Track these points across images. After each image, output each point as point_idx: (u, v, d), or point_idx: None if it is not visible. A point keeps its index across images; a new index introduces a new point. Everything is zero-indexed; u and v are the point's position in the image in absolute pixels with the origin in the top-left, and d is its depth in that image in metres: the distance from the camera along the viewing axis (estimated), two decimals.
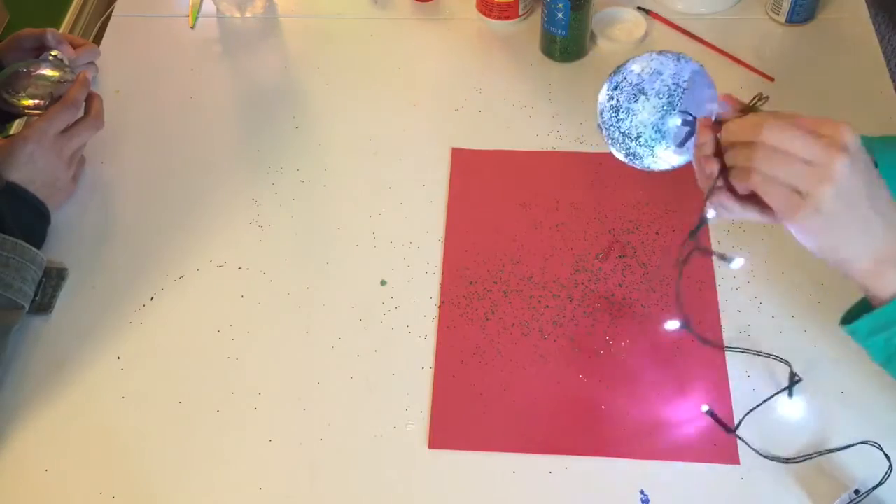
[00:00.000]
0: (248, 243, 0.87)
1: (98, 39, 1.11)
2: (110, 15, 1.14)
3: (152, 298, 0.84)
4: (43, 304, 0.81)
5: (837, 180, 0.54)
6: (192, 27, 1.09)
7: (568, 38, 0.99)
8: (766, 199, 0.57)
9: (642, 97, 0.66)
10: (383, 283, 0.83)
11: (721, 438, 0.72)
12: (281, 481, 0.72)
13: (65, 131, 0.87)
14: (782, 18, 1.04)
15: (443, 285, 0.83)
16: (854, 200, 0.55)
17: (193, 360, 0.79)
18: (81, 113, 0.89)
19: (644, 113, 0.65)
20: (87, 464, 0.73)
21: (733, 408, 0.73)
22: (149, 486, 0.72)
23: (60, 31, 0.97)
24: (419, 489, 0.71)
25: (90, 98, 0.91)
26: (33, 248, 0.79)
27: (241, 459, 0.73)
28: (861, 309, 0.60)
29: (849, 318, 0.60)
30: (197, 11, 1.11)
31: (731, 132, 0.60)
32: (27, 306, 0.79)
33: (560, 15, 0.96)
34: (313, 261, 0.86)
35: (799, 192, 0.55)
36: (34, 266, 0.79)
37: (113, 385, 0.78)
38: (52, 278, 0.83)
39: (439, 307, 0.81)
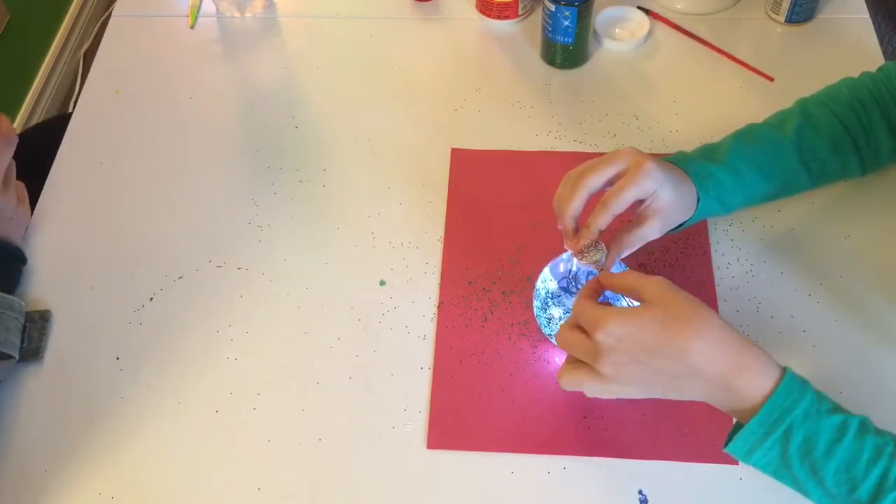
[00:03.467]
0: (248, 243, 0.87)
1: (98, 39, 1.11)
2: (110, 15, 1.14)
3: (152, 299, 0.84)
4: (31, 349, 0.79)
5: (614, 377, 0.59)
6: (192, 27, 1.09)
7: (573, 46, 0.98)
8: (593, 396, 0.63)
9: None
10: (382, 283, 0.84)
11: (720, 438, 0.71)
12: (280, 481, 0.72)
13: None
14: (782, 18, 1.04)
15: (442, 285, 0.83)
16: (643, 381, 0.59)
17: (192, 361, 0.79)
18: None
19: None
20: (87, 464, 0.74)
21: None
22: (149, 486, 0.72)
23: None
24: (418, 489, 0.71)
25: None
26: (8, 295, 0.78)
27: (240, 460, 0.73)
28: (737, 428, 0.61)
29: (728, 440, 0.61)
30: (197, 11, 1.11)
31: (558, 340, 0.65)
32: (16, 356, 0.77)
33: (567, 23, 0.95)
34: (312, 261, 0.86)
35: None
36: (13, 313, 0.77)
37: (113, 385, 0.78)
38: (36, 322, 0.81)
39: (438, 307, 0.81)
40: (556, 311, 0.73)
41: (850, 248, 0.83)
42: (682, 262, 0.83)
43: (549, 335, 0.75)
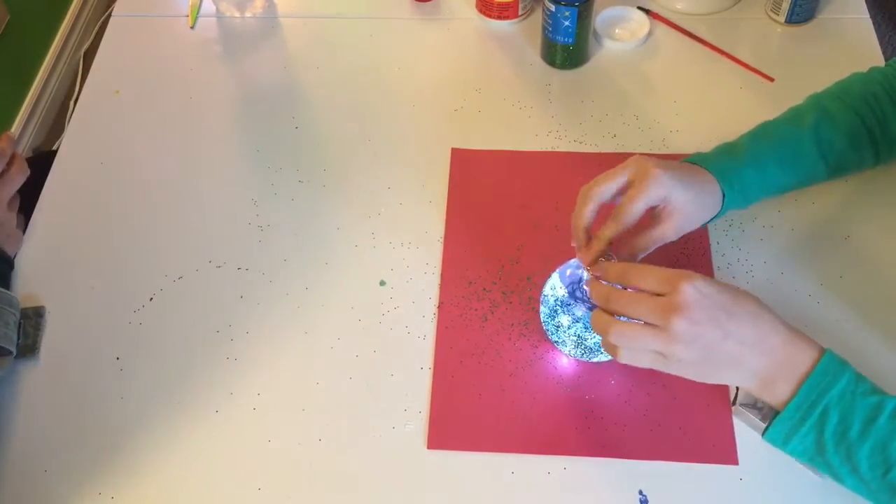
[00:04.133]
0: (248, 243, 0.87)
1: (98, 39, 1.11)
2: (110, 15, 1.14)
3: (152, 299, 0.84)
4: (27, 345, 0.79)
5: (683, 337, 0.58)
6: (192, 27, 1.10)
7: (573, 46, 0.98)
8: (639, 366, 0.61)
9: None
10: (382, 283, 0.84)
11: (720, 439, 0.72)
12: (280, 482, 0.72)
13: None
14: (782, 18, 1.04)
15: (442, 285, 0.83)
16: (712, 345, 0.58)
17: (192, 361, 0.79)
18: (6, 161, 0.88)
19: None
20: (87, 464, 0.74)
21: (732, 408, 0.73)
22: (148, 486, 0.72)
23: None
24: (418, 490, 0.71)
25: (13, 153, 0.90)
26: (6, 291, 0.79)
27: (240, 460, 0.73)
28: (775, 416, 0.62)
29: (767, 428, 0.61)
30: (197, 11, 1.11)
31: (594, 295, 0.64)
32: (14, 351, 0.78)
33: (567, 23, 0.95)
34: (312, 261, 0.86)
35: (659, 353, 0.60)
36: (11, 308, 0.78)
37: (112, 385, 0.78)
38: (31, 318, 0.81)
39: (438, 307, 0.81)
40: (564, 319, 0.72)
41: (850, 248, 0.83)
42: (682, 262, 0.83)
43: (557, 342, 0.74)
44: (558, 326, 0.73)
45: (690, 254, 0.83)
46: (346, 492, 0.71)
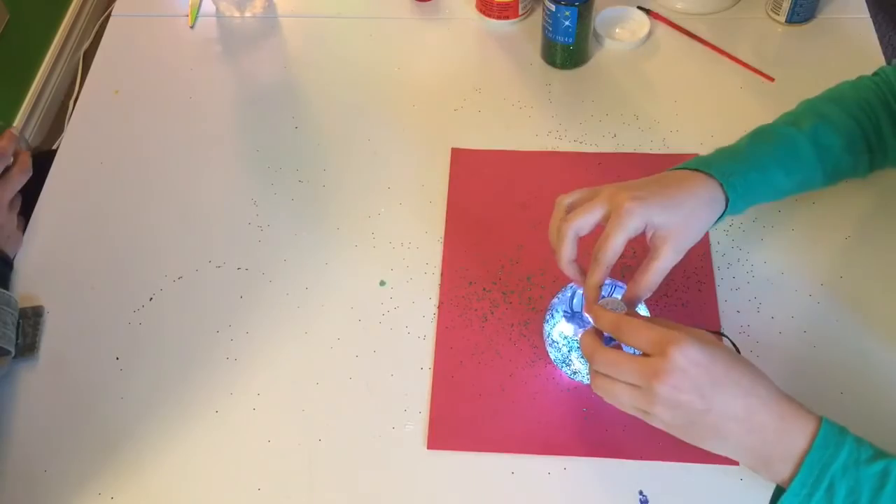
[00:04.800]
0: (247, 244, 0.87)
1: (98, 39, 1.11)
2: (110, 15, 1.14)
3: (151, 299, 0.84)
4: (27, 345, 0.79)
5: (664, 402, 0.57)
6: (192, 27, 1.10)
7: (573, 45, 0.98)
8: (626, 411, 0.61)
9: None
10: (382, 283, 0.84)
11: None
12: (280, 482, 0.72)
13: None
14: (782, 18, 1.04)
15: (442, 285, 0.83)
16: (694, 416, 0.57)
17: (192, 361, 0.79)
18: (10, 161, 0.88)
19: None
20: (87, 464, 0.74)
21: None
22: (148, 487, 0.72)
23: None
24: (418, 490, 0.71)
25: (16, 150, 0.90)
26: (5, 291, 0.79)
27: (240, 460, 0.73)
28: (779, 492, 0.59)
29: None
30: (196, 11, 1.11)
31: (582, 348, 0.64)
32: (13, 351, 0.77)
33: (567, 23, 0.95)
34: (312, 261, 0.86)
35: (642, 410, 0.59)
36: (9, 308, 0.78)
37: (112, 385, 0.78)
38: (30, 318, 0.81)
39: (438, 307, 0.81)
40: (579, 364, 0.73)
41: (850, 248, 0.83)
42: (682, 262, 0.82)
43: (572, 375, 0.74)
44: (575, 373, 0.73)
45: (690, 254, 0.83)
46: (346, 492, 0.71)
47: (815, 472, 0.56)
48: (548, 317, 0.74)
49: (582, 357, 0.71)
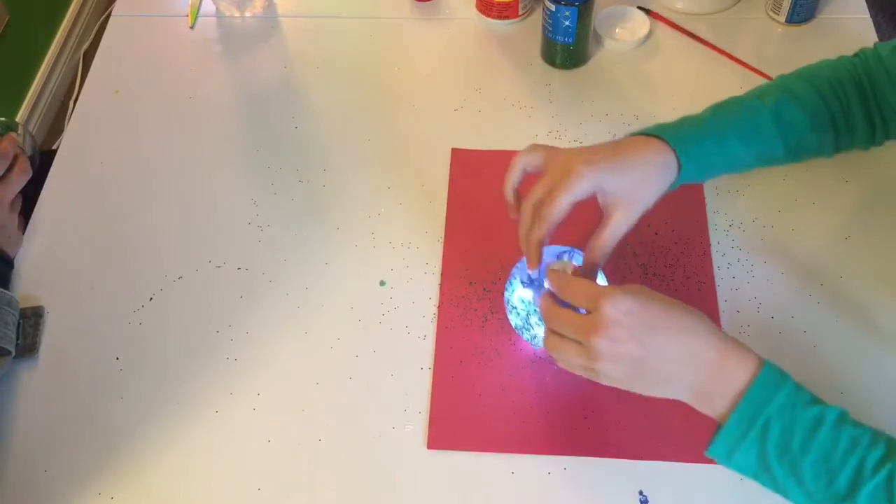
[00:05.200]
0: (247, 244, 0.87)
1: (98, 39, 1.11)
2: (110, 15, 1.14)
3: (151, 299, 0.84)
4: (27, 345, 0.80)
5: (604, 355, 0.58)
6: (192, 27, 1.10)
7: (573, 45, 0.98)
8: (576, 373, 0.63)
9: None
10: (382, 283, 0.84)
11: None
12: (280, 482, 0.72)
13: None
14: (782, 18, 1.04)
15: (442, 286, 0.83)
16: (636, 363, 0.58)
17: (192, 361, 0.79)
18: (9, 162, 0.87)
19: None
20: (87, 464, 0.74)
21: None
22: (148, 487, 0.72)
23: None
24: (418, 490, 0.71)
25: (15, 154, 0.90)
26: (6, 291, 0.79)
27: (240, 460, 0.73)
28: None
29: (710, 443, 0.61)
30: (196, 11, 1.11)
31: (540, 310, 0.65)
32: (13, 351, 0.77)
33: (567, 23, 0.95)
34: (312, 261, 0.86)
35: (588, 368, 0.60)
36: (10, 308, 0.78)
37: (112, 385, 0.78)
38: (30, 318, 0.81)
39: (438, 307, 0.81)
40: (538, 329, 0.75)
41: (850, 248, 0.83)
42: (682, 262, 0.83)
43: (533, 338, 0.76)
44: (535, 337, 0.75)
45: (690, 254, 0.83)
46: (346, 492, 0.71)
47: (752, 409, 0.57)
48: (507, 285, 0.76)
49: (541, 320, 0.71)
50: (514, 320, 0.76)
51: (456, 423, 0.74)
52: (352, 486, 0.71)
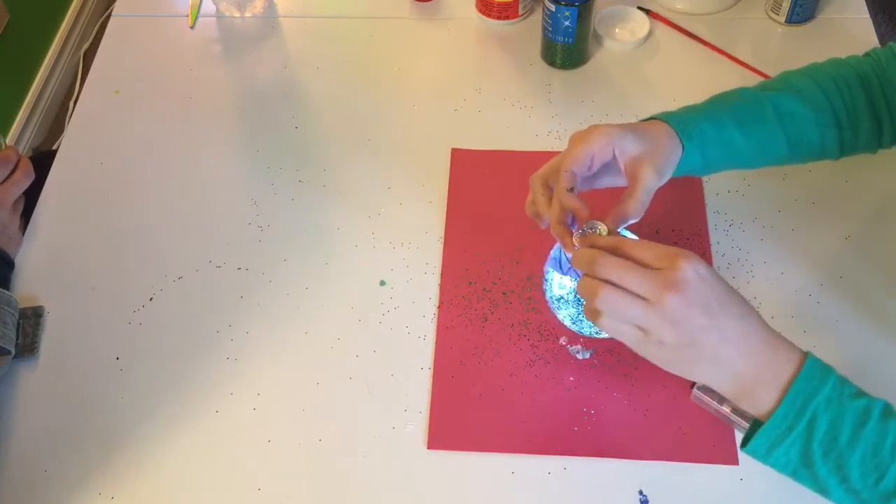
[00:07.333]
0: (248, 244, 0.87)
1: (98, 39, 1.11)
2: (110, 15, 1.14)
3: (151, 299, 0.84)
4: (27, 345, 0.80)
5: (672, 316, 0.55)
6: (192, 27, 1.10)
7: (573, 45, 0.98)
8: (617, 338, 0.58)
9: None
10: (382, 283, 0.84)
11: (720, 439, 0.72)
12: (280, 482, 0.72)
13: (1, 183, 0.88)
14: (782, 18, 1.04)
15: (442, 286, 0.83)
16: (697, 333, 0.55)
17: (192, 361, 0.79)
18: (12, 166, 0.89)
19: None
20: (87, 464, 0.74)
21: None
22: (149, 487, 0.72)
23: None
24: (418, 490, 0.71)
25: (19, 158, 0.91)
26: (5, 291, 0.79)
27: (240, 460, 0.73)
28: (756, 426, 0.58)
29: (746, 439, 0.58)
30: (197, 11, 1.11)
31: (575, 261, 0.61)
32: (13, 351, 0.78)
33: (567, 23, 0.95)
34: (312, 261, 0.86)
35: (641, 329, 0.56)
36: (10, 308, 0.78)
37: (112, 385, 0.78)
38: (30, 318, 0.81)
39: (438, 307, 0.81)
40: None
41: (850, 248, 0.83)
42: None
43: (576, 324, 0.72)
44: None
45: None
46: (346, 492, 0.71)
47: (800, 402, 0.55)
48: (544, 284, 0.73)
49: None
50: (563, 315, 0.71)
51: (456, 423, 0.74)
52: (352, 485, 0.71)
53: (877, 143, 0.75)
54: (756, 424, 0.58)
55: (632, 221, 0.66)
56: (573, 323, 0.72)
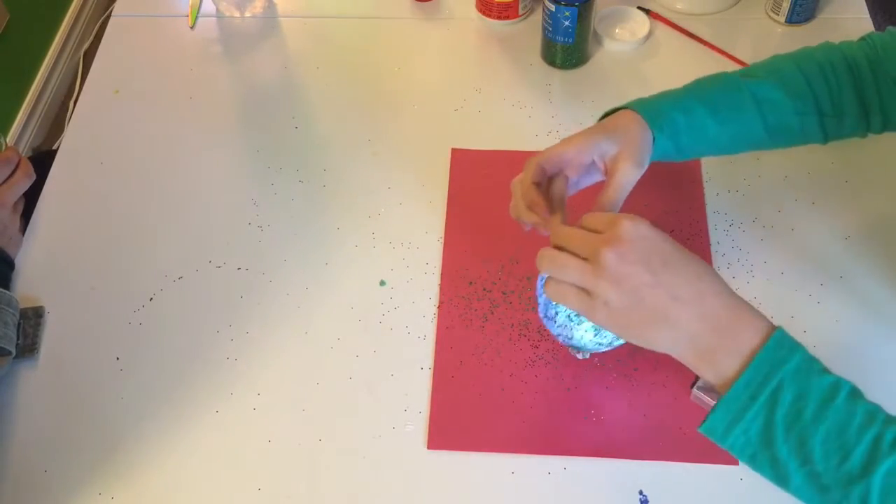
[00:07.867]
0: (248, 244, 0.87)
1: (98, 39, 1.11)
2: (110, 15, 1.14)
3: (151, 299, 0.84)
4: (27, 346, 0.80)
5: (610, 274, 0.54)
6: (192, 27, 1.10)
7: (573, 45, 0.98)
8: (566, 306, 0.58)
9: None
10: (382, 283, 0.84)
11: None
12: (280, 482, 0.72)
13: (2, 184, 0.87)
14: (782, 18, 1.04)
15: (442, 285, 0.83)
16: (642, 290, 0.54)
17: (192, 361, 0.79)
18: (13, 167, 0.88)
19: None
20: (87, 464, 0.74)
21: None
22: (149, 487, 0.72)
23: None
24: (418, 490, 0.71)
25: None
26: (5, 291, 0.79)
27: (240, 460, 0.73)
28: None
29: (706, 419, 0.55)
30: (197, 11, 1.11)
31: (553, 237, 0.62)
32: (14, 351, 0.77)
33: (567, 23, 0.95)
34: (312, 261, 0.86)
35: (587, 292, 0.56)
36: (10, 309, 0.78)
37: (112, 385, 0.78)
38: (30, 318, 0.81)
39: (438, 307, 0.81)
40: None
41: (850, 248, 0.83)
42: None
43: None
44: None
45: None
46: (346, 492, 0.71)
47: (764, 370, 0.52)
48: (538, 304, 0.72)
49: (593, 327, 0.67)
50: (558, 322, 0.69)
51: (456, 423, 0.74)
52: (352, 485, 0.71)
53: (865, 129, 0.74)
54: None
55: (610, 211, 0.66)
56: (566, 340, 0.72)
